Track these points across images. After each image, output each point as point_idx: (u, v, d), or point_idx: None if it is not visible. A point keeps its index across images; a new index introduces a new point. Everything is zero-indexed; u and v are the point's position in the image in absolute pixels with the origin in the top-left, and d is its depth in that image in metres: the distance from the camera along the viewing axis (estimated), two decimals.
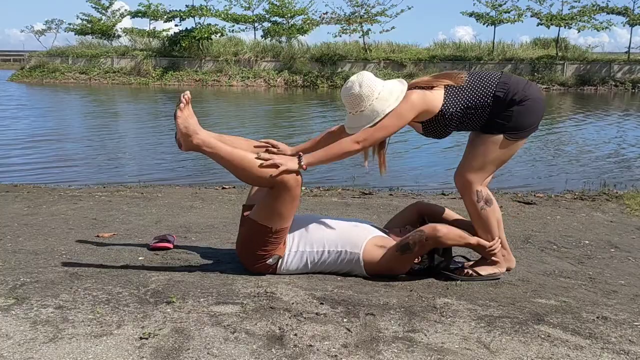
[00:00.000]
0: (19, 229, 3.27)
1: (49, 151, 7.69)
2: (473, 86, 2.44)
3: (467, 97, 2.42)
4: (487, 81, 2.44)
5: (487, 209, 2.49)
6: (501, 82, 2.42)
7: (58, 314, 1.96)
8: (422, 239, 2.42)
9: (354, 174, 6.26)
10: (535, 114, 2.44)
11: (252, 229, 2.43)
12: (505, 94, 2.39)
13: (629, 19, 23.42)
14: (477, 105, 2.41)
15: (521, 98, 2.39)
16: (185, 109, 2.37)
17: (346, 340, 1.83)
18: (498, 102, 2.40)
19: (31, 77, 23.63)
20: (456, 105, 2.41)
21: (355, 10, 24.02)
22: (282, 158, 2.37)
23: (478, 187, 2.47)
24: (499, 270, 2.57)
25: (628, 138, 9.85)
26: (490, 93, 2.41)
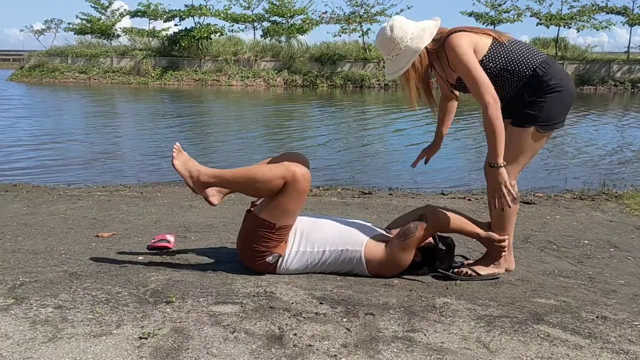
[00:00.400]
0: (18, 229, 3.27)
1: (48, 151, 7.69)
2: (518, 51, 2.41)
3: (509, 58, 2.39)
4: (532, 54, 2.42)
5: (513, 206, 2.44)
6: (544, 62, 2.40)
7: (57, 314, 1.96)
8: (422, 221, 2.43)
9: (354, 174, 6.26)
10: (564, 106, 2.43)
11: (255, 224, 2.43)
12: (544, 74, 2.37)
13: (628, 18, 23.44)
14: (514, 71, 2.39)
15: (555, 85, 2.37)
16: (180, 156, 2.46)
17: (346, 340, 1.83)
18: (534, 79, 2.38)
19: (30, 76, 23.61)
20: (496, 61, 2.39)
21: (354, 10, 24.04)
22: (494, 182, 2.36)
23: (512, 180, 2.43)
24: (498, 271, 2.56)
25: (627, 138, 9.85)
26: (531, 66, 2.39)
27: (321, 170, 6.39)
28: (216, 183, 2.47)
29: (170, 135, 9.47)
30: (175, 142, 2.52)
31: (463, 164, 7.21)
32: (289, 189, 2.34)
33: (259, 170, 2.40)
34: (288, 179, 2.32)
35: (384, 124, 11.44)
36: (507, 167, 2.37)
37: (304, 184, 2.35)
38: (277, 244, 2.44)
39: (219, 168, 2.59)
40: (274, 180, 2.34)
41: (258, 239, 2.42)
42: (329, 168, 6.65)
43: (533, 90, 2.40)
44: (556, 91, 2.38)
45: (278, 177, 2.33)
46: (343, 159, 7.35)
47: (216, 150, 8.06)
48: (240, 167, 2.60)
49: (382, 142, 8.90)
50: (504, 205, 2.37)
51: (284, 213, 2.38)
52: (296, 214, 2.44)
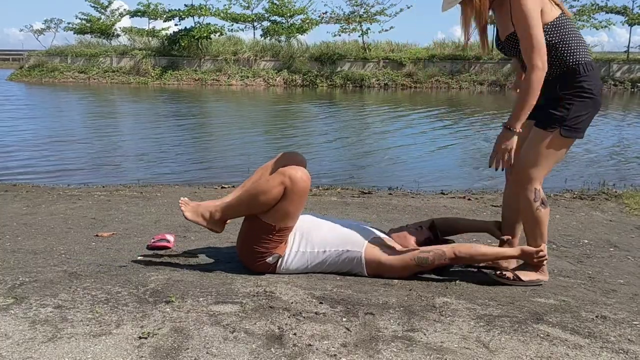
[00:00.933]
0: (18, 229, 3.27)
1: (48, 151, 7.68)
2: (574, 37, 2.33)
3: (564, 38, 2.31)
4: (583, 49, 2.34)
5: (542, 210, 2.40)
6: (590, 63, 2.33)
7: (57, 314, 1.96)
8: (442, 259, 2.43)
9: (354, 174, 6.26)
10: (589, 116, 2.36)
11: (254, 226, 2.43)
12: (584, 74, 2.30)
13: (628, 18, 23.43)
14: (561, 54, 2.30)
15: (589, 89, 2.30)
16: (189, 206, 2.55)
17: (345, 339, 1.83)
18: (572, 73, 2.31)
19: (30, 76, 23.59)
20: (553, 34, 2.29)
21: (354, 9, 24.01)
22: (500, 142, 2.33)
23: (538, 185, 2.38)
24: (542, 277, 2.47)
25: (627, 137, 9.85)
26: (577, 59, 2.31)
27: (321, 169, 6.39)
28: (230, 213, 2.53)
29: (170, 135, 9.47)
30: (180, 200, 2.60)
31: (463, 163, 7.21)
32: (289, 193, 2.34)
33: (257, 185, 2.41)
34: (287, 184, 2.33)
35: (383, 124, 11.44)
36: (533, 169, 2.35)
37: (302, 185, 2.35)
38: (276, 245, 2.44)
39: (219, 168, 2.59)
40: (273, 189, 2.34)
41: (258, 240, 2.42)
42: (329, 168, 6.65)
43: (566, 84, 2.32)
44: (587, 97, 2.31)
45: (277, 185, 2.33)
46: (343, 159, 7.35)
47: (217, 150, 8.05)
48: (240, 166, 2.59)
49: (382, 142, 8.90)
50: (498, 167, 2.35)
51: (284, 215, 2.38)
52: (297, 216, 2.44)
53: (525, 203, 2.41)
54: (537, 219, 2.41)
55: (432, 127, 10.86)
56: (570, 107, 2.31)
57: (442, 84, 21.65)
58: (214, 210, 2.52)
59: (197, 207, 2.54)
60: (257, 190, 2.39)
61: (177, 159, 7.21)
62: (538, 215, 2.41)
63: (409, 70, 22.19)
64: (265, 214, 2.39)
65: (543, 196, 2.41)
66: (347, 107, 14.89)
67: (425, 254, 2.43)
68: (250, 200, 2.42)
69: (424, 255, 2.43)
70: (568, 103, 2.32)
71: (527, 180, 2.38)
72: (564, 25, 2.32)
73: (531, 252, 2.45)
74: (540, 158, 2.36)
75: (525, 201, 2.40)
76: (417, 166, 6.94)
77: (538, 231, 2.43)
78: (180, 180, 5.83)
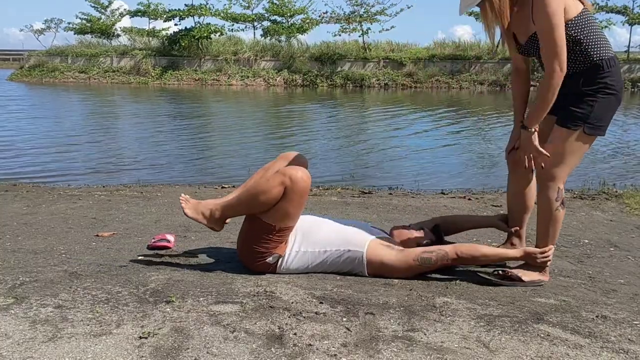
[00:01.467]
0: (18, 228, 3.27)
1: (49, 150, 7.68)
2: (597, 32, 2.31)
3: (587, 33, 2.28)
4: (606, 44, 2.32)
5: (560, 211, 2.39)
6: (613, 58, 2.31)
7: (57, 313, 1.96)
8: (445, 259, 2.43)
9: (354, 174, 6.26)
10: (611, 112, 2.34)
11: (255, 226, 2.43)
12: (607, 69, 2.28)
13: (628, 18, 23.43)
14: (585, 49, 2.28)
15: (612, 85, 2.28)
16: (189, 203, 2.54)
17: (346, 339, 1.83)
18: (596, 69, 2.28)
19: (30, 76, 23.60)
20: (578, 31, 2.26)
21: (354, 9, 24.01)
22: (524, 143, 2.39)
23: (561, 184, 2.37)
24: (543, 278, 2.46)
25: (628, 137, 9.85)
26: (601, 54, 2.29)
27: (321, 169, 6.39)
28: (230, 212, 2.53)
29: (170, 135, 9.47)
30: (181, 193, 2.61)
31: (463, 163, 7.21)
32: (289, 193, 2.34)
33: (257, 185, 2.41)
34: (287, 184, 2.32)
35: (384, 124, 11.43)
36: (557, 168, 2.34)
37: (303, 185, 2.35)
38: (277, 245, 2.44)
39: (220, 168, 2.59)
40: (273, 188, 2.34)
41: (258, 240, 2.42)
42: (329, 167, 6.65)
43: (590, 80, 2.30)
44: (610, 93, 2.29)
45: (277, 185, 2.33)
46: (343, 159, 7.35)
47: (217, 150, 8.06)
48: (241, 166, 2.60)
49: (382, 142, 8.90)
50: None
51: (284, 215, 2.38)
52: (297, 216, 2.44)
53: (546, 202, 2.39)
54: (554, 219, 2.41)
55: (433, 127, 10.86)
56: (594, 104, 2.29)
57: (442, 83, 21.65)
58: (214, 209, 2.52)
59: (198, 205, 2.55)
60: (257, 190, 2.39)
61: (178, 159, 7.21)
62: (556, 215, 2.40)
63: (409, 70, 22.19)
64: (266, 214, 2.39)
65: (564, 196, 2.40)
66: (348, 107, 14.90)
67: (428, 255, 2.43)
68: (250, 200, 2.42)
69: (427, 255, 2.43)
70: (591, 100, 2.30)
71: (551, 179, 2.37)
72: (588, 20, 2.30)
73: (535, 253, 2.44)
74: (564, 156, 2.34)
75: (546, 200, 2.39)
76: (418, 166, 6.94)
77: (552, 231, 2.43)
78: (181, 180, 5.83)
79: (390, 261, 2.44)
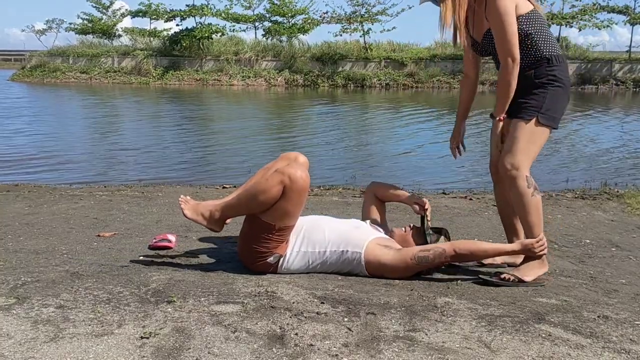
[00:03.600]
0: (20, 229, 3.27)
1: (50, 151, 7.69)
2: (547, 30, 2.47)
3: (538, 29, 2.44)
4: (554, 42, 2.48)
5: (536, 197, 2.43)
6: (560, 56, 2.47)
7: (59, 314, 1.96)
8: (442, 257, 2.42)
9: (355, 174, 6.26)
10: (562, 104, 2.48)
11: (254, 225, 2.43)
12: (556, 64, 2.43)
13: (629, 17, 23.40)
14: (536, 43, 2.43)
15: (560, 78, 2.43)
16: (188, 203, 2.54)
17: (347, 339, 1.83)
18: (546, 63, 2.43)
19: (32, 76, 23.61)
20: (529, 26, 2.42)
21: (355, 9, 23.99)
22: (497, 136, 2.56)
23: (526, 171, 2.43)
24: (543, 270, 2.48)
25: (629, 137, 9.83)
26: (550, 50, 2.44)
27: (322, 169, 6.39)
28: (230, 212, 2.53)
29: (171, 135, 9.48)
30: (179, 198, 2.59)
31: (465, 163, 7.20)
32: (288, 192, 2.34)
33: (257, 185, 2.41)
34: (286, 183, 2.33)
35: (385, 124, 11.43)
36: (519, 157, 2.42)
37: (301, 184, 2.35)
38: (277, 245, 2.44)
39: (221, 168, 2.60)
40: (272, 188, 2.34)
41: (258, 240, 2.42)
42: (330, 167, 6.65)
43: (541, 73, 2.43)
44: (558, 85, 2.43)
45: (276, 184, 2.34)
46: (344, 159, 7.35)
47: (218, 150, 8.06)
48: (241, 166, 2.59)
49: (383, 142, 8.90)
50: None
51: (284, 215, 2.38)
52: (297, 215, 2.44)
53: (518, 194, 2.44)
54: (533, 206, 2.44)
55: (434, 127, 10.86)
56: (545, 95, 2.43)
57: (443, 83, 21.62)
58: (213, 210, 2.52)
59: (197, 206, 2.54)
60: (256, 190, 2.39)
61: (179, 159, 7.21)
62: (534, 201, 2.43)
63: (410, 70, 22.17)
64: (265, 214, 2.39)
65: (535, 182, 2.45)
66: (349, 107, 14.89)
67: (425, 253, 2.43)
68: (249, 200, 2.42)
69: (424, 254, 2.43)
70: (542, 91, 2.43)
71: (515, 169, 2.43)
72: (537, 19, 2.46)
73: (531, 243, 2.45)
74: (524, 146, 2.44)
75: (518, 192, 2.43)
76: (419, 166, 6.94)
77: (535, 219, 2.45)
78: (182, 180, 5.83)
79: (388, 261, 2.44)
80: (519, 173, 2.41)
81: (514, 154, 2.43)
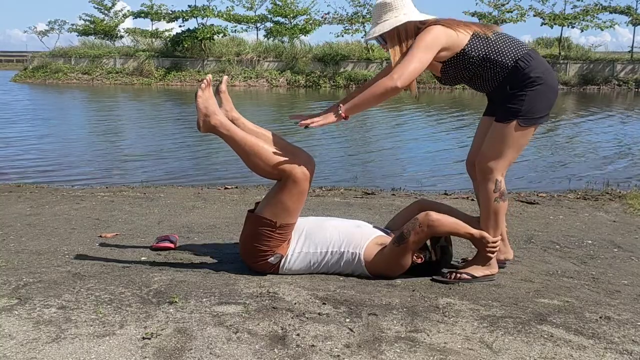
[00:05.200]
0: (22, 229, 3.28)
1: (52, 152, 7.70)
2: (501, 43, 2.43)
3: (491, 48, 2.42)
4: (516, 45, 2.44)
5: (500, 203, 2.46)
6: (527, 54, 2.41)
7: (61, 314, 1.96)
8: (416, 226, 2.39)
9: (357, 174, 6.26)
10: (546, 101, 2.43)
11: (256, 223, 2.43)
12: (526, 66, 2.38)
13: (631, 18, 23.37)
14: (496, 61, 2.41)
15: (536, 78, 2.38)
16: (206, 90, 2.48)
17: (349, 340, 1.83)
18: (516, 71, 2.40)
19: (34, 77, 23.65)
20: (479, 50, 2.41)
21: (357, 10, 24.03)
22: (320, 115, 2.40)
23: (499, 176, 2.44)
24: (490, 272, 2.51)
25: (631, 138, 9.82)
26: (514, 57, 2.40)
27: (324, 170, 6.39)
28: (223, 135, 2.48)
29: (173, 135, 9.48)
30: (206, 77, 2.53)
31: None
32: (289, 188, 2.35)
33: (266, 150, 2.42)
34: (286, 177, 2.35)
35: (386, 124, 11.43)
36: (494, 161, 2.43)
37: (304, 185, 2.38)
38: (279, 244, 2.44)
39: (223, 169, 2.59)
40: (274, 169, 2.38)
41: (260, 238, 2.43)
42: (332, 168, 6.65)
43: (514, 83, 2.40)
44: (537, 84, 2.39)
45: (279, 169, 2.37)
46: (346, 159, 7.35)
47: (220, 151, 8.06)
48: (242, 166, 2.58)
49: (385, 142, 8.90)
50: (305, 124, 2.36)
51: (284, 211, 2.39)
52: (297, 213, 2.45)
53: (485, 194, 2.48)
54: (494, 211, 2.47)
55: (435, 127, 10.85)
56: (525, 98, 2.39)
57: None
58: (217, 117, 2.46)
59: (210, 98, 2.47)
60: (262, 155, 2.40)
61: (181, 159, 7.22)
62: (496, 206, 2.47)
63: None
64: (266, 211, 2.41)
65: (503, 189, 2.46)
66: None
67: (400, 230, 2.44)
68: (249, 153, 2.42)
69: (398, 233, 2.43)
70: (522, 95, 2.40)
71: (489, 171, 2.45)
72: (482, 39, 2.43)
73: (487, 240, 2.46)
74: (501, 150, 2.43)
75: (485, 192, 2.47)
76: (420, 166, 6.93)
77: (493, 222, 2.49)
78: (184, 181, 5.84)
79: (384, 257, 2.43)
80: (491, 176, 2.45)
81: (490, 157, 2.44)
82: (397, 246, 2.41)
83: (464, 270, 2.50)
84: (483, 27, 2.47)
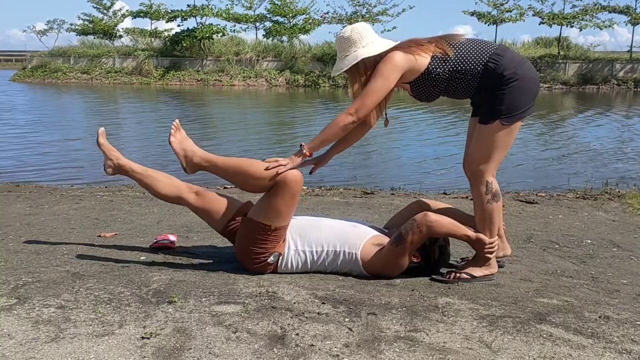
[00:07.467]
0: (21, 229, 3.28)
1: (51, 151, 7.70)
2: (466, 50, 2.39)
3: (456, 59, 2.38)
4: (481, 49, 2.39)
5: (493, 204, 2.45)
6: (495, 54, 2.37)
7: (60, 314, 1.96)
8: (414, 226, 2.38)
9: (356, 174, 6.26)
10: (526, 95, 2.39)
11: (251, 228, 2.43)
12: (496, 66, 2.34)
13: (630, 17, 23.40)
14: (465, 70, 2.37)
15: (510, 75, 2.33)
16: (177, 133, 2.57)
17: (348, 339, 1.83)
18: (488, 73, 2.36)
19: (33, 77, 23.66)
20: (443, 66, 2.39)
21: (356, 9, 24.05)
22: (287, 159, 2.44)
23: (489, 177, 2.43)
24: (490, 272, 2.51)
25: (630, 137, 9.83)
26: (481, 61, 2.36)
27: (323, 170, 6.37)
28: (208, 167, 2.54)
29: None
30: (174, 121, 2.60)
31: None
32: (281, 192, 2.36)
33: (252, 166, 2.42)
34: (277, 182, 2.36)
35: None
36: (482, 163, 2.42)
37: (295, 187, 2.38)
38: (275, 245, 2.44)
39: None
40: (265, 179, 2.38)
41: (255, 241, 2.43)
42: (331, 168, 6.64)
43: (490, 85, 2.37)
44: (513, 81, 2.34)
45: (270, 176, 2.36)
46: (345, 159, 7.35)
47: (219, 151, 8.06)
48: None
49: (384, 142, 8.89)
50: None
51: (278, 215, 2.40)
52: (290, 215, 2.45)
53: (478, 196, 2.47)
54: (487, 212, 2.46)
55: (435, 127, 10.85)
56: (503, 99, 2.36)
57: None
58: (197, 154, 2.54)
59: (184, 140, 2.57)
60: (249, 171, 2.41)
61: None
62: (488, 208, 2.45)
63: None
64: (260, 215, 2.41)
65: (495, 189, 2.45)
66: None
67: (398, 230, 2.43)
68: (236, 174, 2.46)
69: (396, 233, 2.42)
70: (500, 96, 2.37)
71: (479, 174, 2.44)
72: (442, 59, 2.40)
73: (485, 241, 2.45)
74: (488, 152, 2.42)
75: (477, 195, 2.47)
76: (420, 166, 6.93)
77: (488, 224, 2.47)
78: (183, 180, 5.82)
79: (381, 257, 2.43)
80: (481, 179, 2.44)
81: (478, 160, 2.44)
82: (395, 246, 2.41)
83: (463, 270, 2.50)
84: (443, 45, 2.41)
